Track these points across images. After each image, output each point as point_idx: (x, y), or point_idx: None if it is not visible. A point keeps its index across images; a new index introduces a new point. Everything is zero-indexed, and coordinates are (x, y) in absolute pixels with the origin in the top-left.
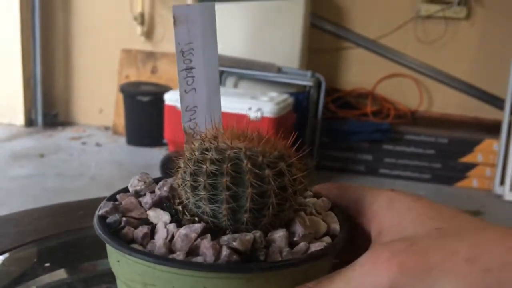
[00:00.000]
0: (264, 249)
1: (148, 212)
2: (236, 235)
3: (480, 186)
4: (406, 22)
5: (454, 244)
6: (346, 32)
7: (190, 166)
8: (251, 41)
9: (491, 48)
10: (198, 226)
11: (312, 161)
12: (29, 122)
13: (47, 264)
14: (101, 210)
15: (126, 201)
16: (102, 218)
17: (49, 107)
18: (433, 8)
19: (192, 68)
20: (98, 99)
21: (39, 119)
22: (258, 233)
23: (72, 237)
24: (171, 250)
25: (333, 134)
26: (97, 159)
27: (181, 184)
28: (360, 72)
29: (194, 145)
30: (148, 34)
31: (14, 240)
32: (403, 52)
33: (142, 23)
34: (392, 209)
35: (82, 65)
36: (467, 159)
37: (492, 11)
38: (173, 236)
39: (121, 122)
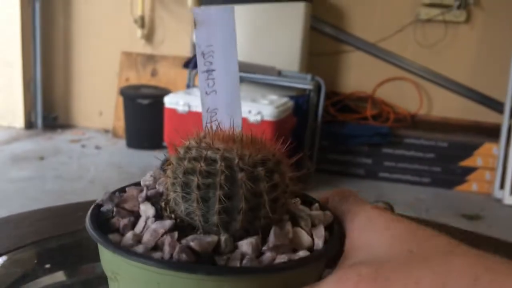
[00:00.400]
0: (229, 254)
1: (140, 205)
2: (199, 235)
3: (480, 190)
4: (406, 25)
5: (419, 272)
6: (346, 35)
7: (174, 164)
8: (251, 44)
9: (491, 52)
10: (168, 223)
11: (312, 165)
12: (29, 124)
13: (47, 266)
14: (101, 199)
15: (128, 193)
16: (98, 206)
17: (49, 109)
18: (433, 12)
19: (212, 70)
20: (98, 102)
21: (39, 121)
22: (224, 237)
23: (71, 239)
24: (139, 243)
25: (332, 137)
26: (97, 161)
27: (166, 181)
28: (360, 75)
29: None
30: (148, 37)
31: (14, 242)
32: (402, 56)
33: (142, 26)
34: (369, 228)
35: (82, 68)
36: (466, 163)
37: (492, 15)
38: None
39: (121, 125)
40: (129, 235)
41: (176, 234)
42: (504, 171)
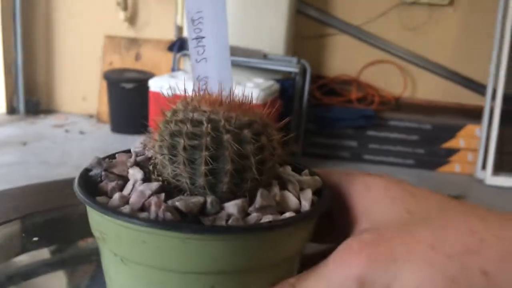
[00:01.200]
0: (215, 215)
1: (129, 170)
2: (186, 197)
3: (462, 171)
4: (390, 8)
5: (419, 231)
6: (330, 18)
7: (161, 127)
8: (237, 27)
9: (474, 35)
10: (155, 185)
11: (298, 148)
12: (11, 109)
13: (35, 239)
14: (89, 163)
15: (117, 159)
16: (87, 171)
17: (31, 94)
18: None
19: (202, 37)
20: (81, 86)
21: (21, 106)
22: (210, 198)
23: (58, 214)
24: (126, 204)
25: (318, 121)
26: (81, 147)
27: (153, 144)
28: (345, 58)
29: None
30: (132, 20)
31: (1, 216)
32: (387, 39)
33: (125, 8)
34: (367, 195)
35: (65, 51)
36: (449, 144)
37: None
38: None
39: (105, 109)
40: (116, 196)
41: (162, 195)
42: (486, 152)
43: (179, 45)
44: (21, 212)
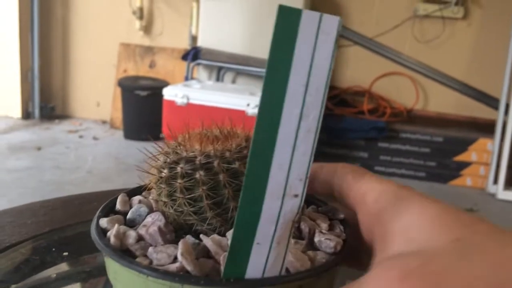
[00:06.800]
0: None
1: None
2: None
3: (474, 184)
4: (404, 21)
5: (476, 266)
6: (343, 29)
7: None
8: (250, 37)
9: (487, 49)
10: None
11: None
12: (26, 114)
13: (65, 253)
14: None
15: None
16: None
17: (46, 100)
18: (431, 8)
19: None
20: (95, 92)
21: (36, 112)
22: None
23: (87, 228)
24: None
25: (329, 131)
26: (94, 152)
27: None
28: (357, 70)
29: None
30: (147, 29)
31: (31, 230)
32: (400, 51)
33: (141, 17)
34: (401, 208)
35: (80, 58)
36: (461, 157)
37: (489, 11)
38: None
39: (118, 116)
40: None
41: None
42: (498, 166)
43: (193, 54)
44: (53, 225)
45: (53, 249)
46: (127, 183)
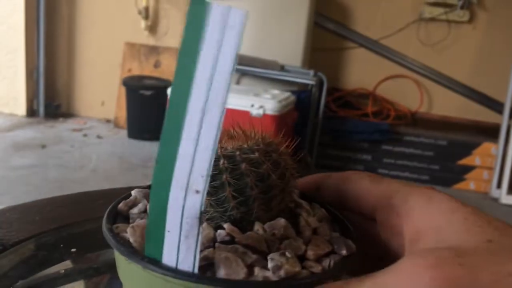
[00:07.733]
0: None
1: None
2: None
3: (477, 188)
4: (409, 24)
5: (508, 263)
6: (349, 32)
7: None
8: (255, 38)
9: (492, 52)
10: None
11: (312, 160)
12: (31, 112)
13: (73, 250)
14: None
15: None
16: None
17: (51, 98)
18: (437, 11)
19: None
20: (100, 91)
21: (41, 109)
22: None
23: (94, 225)
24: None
25: (333, 133)
26: (98, 151)
27: None
28: (362, 72)
29: None
30: (152, 28)
31: (39, 226)
32: (405, 54)
33: (146, 17)
34: (431, 209)
35: (85, 57)
36: (465, 161)
37: (494, 15)
38: None
39: (122, 115)
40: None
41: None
42: (502, 171)
43: None
44: (61, 222)
45: (61, 245)
46: (131, 182)
